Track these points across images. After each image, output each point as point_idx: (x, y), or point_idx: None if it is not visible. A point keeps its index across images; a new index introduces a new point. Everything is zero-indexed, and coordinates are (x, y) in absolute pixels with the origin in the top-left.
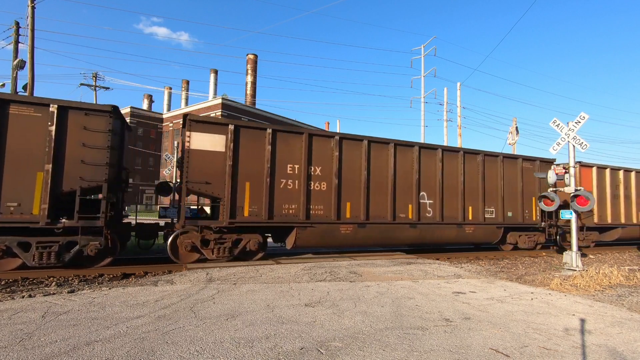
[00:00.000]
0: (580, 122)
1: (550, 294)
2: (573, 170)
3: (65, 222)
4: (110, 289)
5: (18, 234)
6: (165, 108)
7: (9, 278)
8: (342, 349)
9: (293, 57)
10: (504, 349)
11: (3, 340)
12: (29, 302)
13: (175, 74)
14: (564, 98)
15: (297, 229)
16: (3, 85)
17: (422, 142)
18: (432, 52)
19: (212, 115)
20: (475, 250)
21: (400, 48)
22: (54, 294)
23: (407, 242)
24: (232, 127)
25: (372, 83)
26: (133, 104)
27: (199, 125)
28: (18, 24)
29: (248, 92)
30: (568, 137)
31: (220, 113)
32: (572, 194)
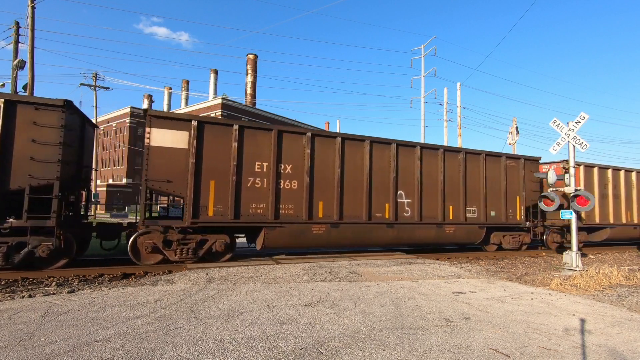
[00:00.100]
0: (580, 122)
1: (550, 294)
2: (573, 170)
3: (13, 222)
4: (110, 289)
5: None
6: (166, 108)
7: (9, 278)
8: (342, 349)
9: (293, 57)
10: (504, 349)
11: (3, 340)
12: (29, 302)
13: (175, 74)
14: (564, 98)
15: (265, 230)
16: (3, 85)
17: (399, 139)
18: (432, 52)
19: (212, 115)
20: (476, 251)
21: (400, 48)
22: (54, 294)
23: (383, 242)
24: (195, 123)
25: (372, 83)
26: (133, 104)
27: (160, 121)
28: (18, 24)
29: (248, 92)
30: (568, 137)
31: (220, 113)
32: (572, 194)
